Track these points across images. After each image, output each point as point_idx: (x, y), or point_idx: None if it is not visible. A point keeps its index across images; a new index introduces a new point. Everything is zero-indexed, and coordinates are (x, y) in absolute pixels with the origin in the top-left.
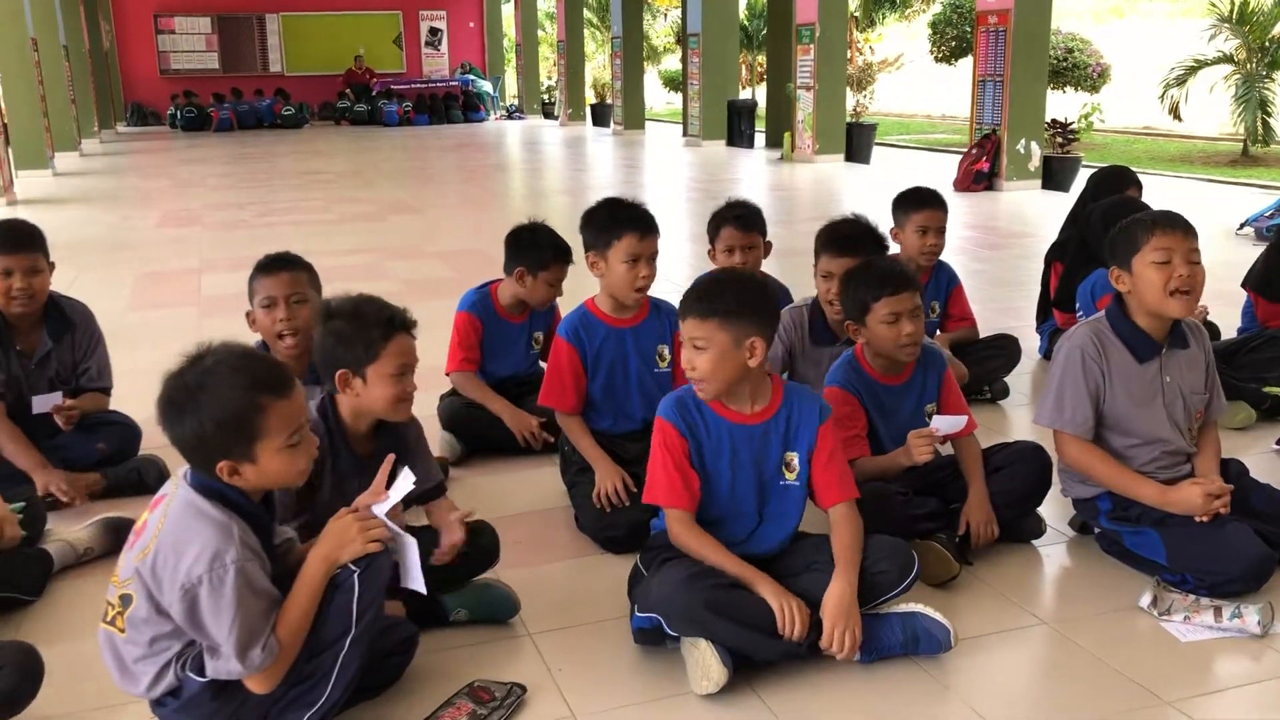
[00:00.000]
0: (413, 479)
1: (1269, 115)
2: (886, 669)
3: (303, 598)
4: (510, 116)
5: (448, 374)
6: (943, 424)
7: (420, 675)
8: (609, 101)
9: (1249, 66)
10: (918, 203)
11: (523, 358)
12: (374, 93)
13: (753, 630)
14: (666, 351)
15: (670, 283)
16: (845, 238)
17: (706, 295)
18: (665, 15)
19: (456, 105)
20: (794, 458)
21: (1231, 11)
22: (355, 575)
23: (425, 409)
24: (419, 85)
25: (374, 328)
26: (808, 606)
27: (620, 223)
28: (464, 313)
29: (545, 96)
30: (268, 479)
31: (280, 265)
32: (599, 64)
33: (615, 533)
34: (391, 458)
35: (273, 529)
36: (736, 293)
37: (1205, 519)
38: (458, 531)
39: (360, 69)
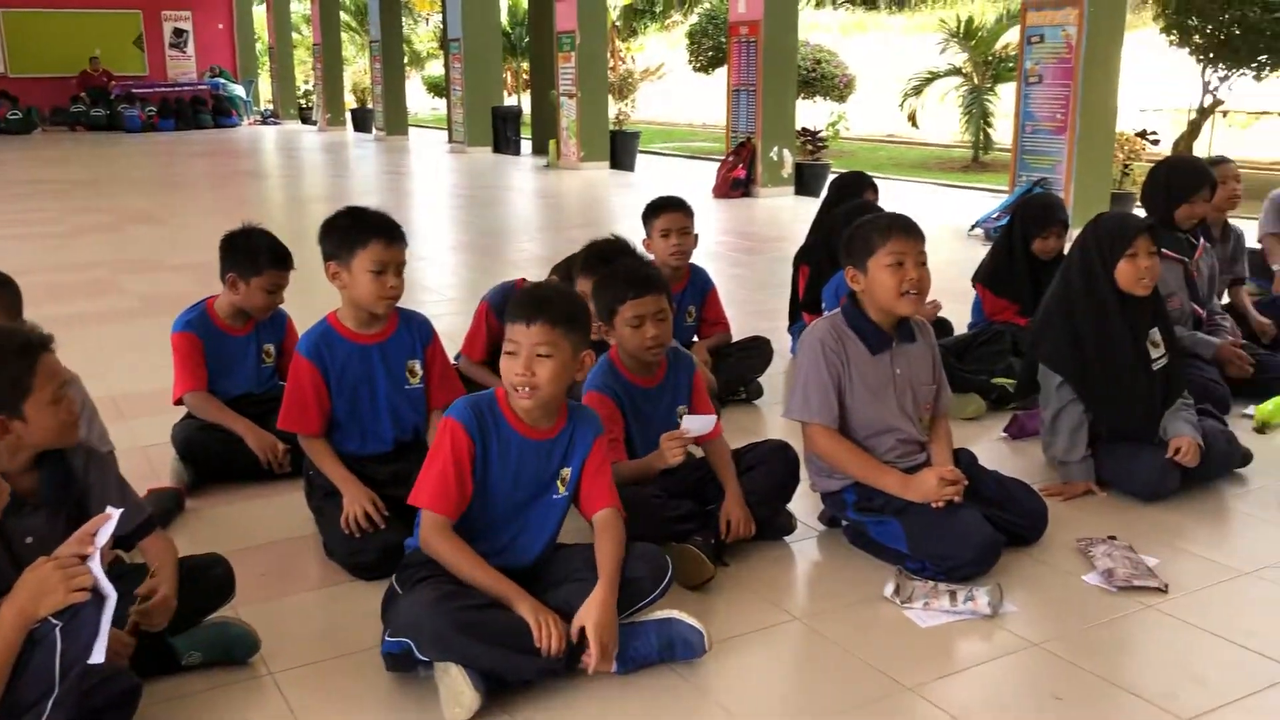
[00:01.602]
0: (116, 518)
1: (990, 126)
2: (643, 678)
3: None
4: (265, 121)
5: (176, 401)
6: (692, 424)
7: None
8: (370, 106)
9: (975, 79)
10: (658, 208)
11: (254, 373)
12: (113, 96)
13: (508, 649)
14: (418, 367)
15: (436, 293)
16: (602, 257)
17: (553, 302)
18: (427, 20)
19: (206, 110)
20: (569, 472)
21: (959, 27)
22: (57, 629)
23: (159, 435)
24: (164, 89)
25: (13, 360)
26: (567, 618)
27: (364, 230)
28: (180, 333)
29: (302, 101)
30: None
31: None
32: (359, 68)
33: (366, 558)
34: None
35: None
36: (573, 303)
37: (940, 505)
38: (162, 587)
39: (96, 71)
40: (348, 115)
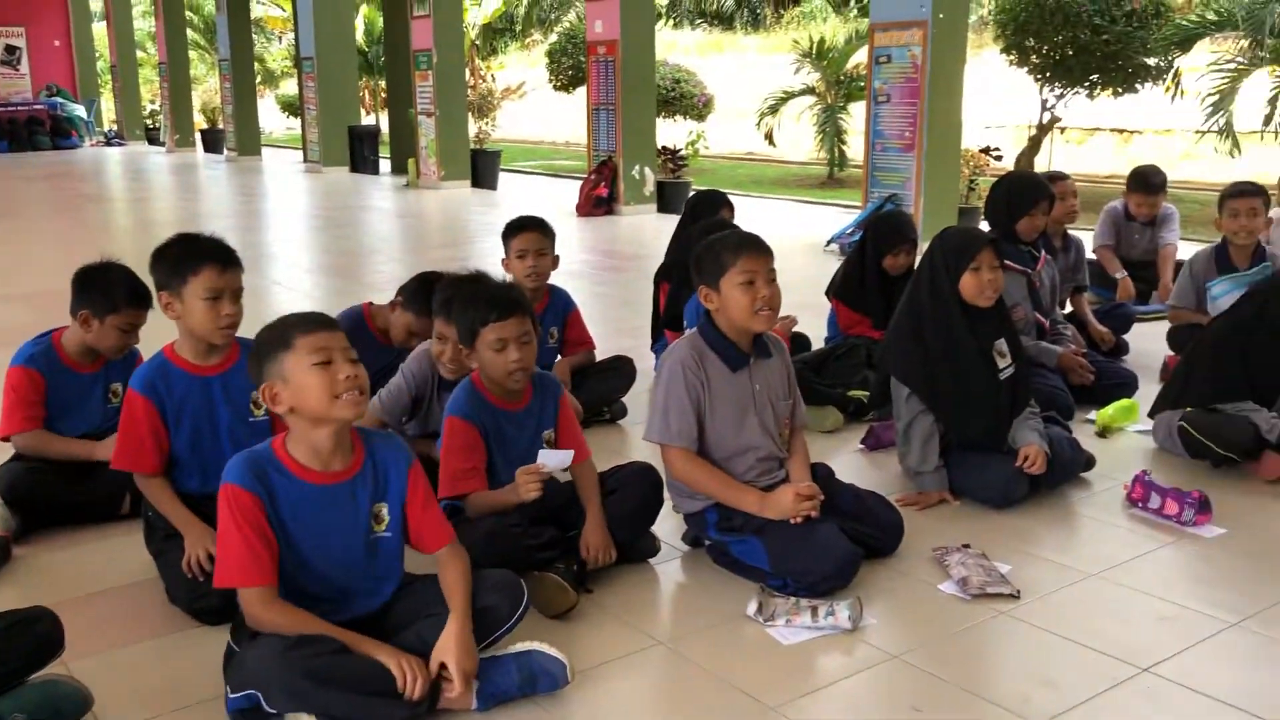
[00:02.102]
0: None
1: (843, 143)
2: (504, 714)
3: None
4: (109, 143)
5: (5, 438)
6: (549, 460)
7: None
8: (221, 126)
9: (828, 98)
10: (513, 229)
11: (99, 413)
12: None
13: (368, 695)
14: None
15: None
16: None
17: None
18: (280, 38)
19: (43, 131)
20: (383, 508)
21: (812, 48)
22: None
23: None
24: None
25: None
26: (424, 655)
27: (195, 256)
28: (19, 368)
29: (149, 121)
30: None
31: None
32: (209, 87)
33: (210, 602)
34: None
35: None
36: None
37: (798, 521)
38: None
39: None
40: (197, 136)
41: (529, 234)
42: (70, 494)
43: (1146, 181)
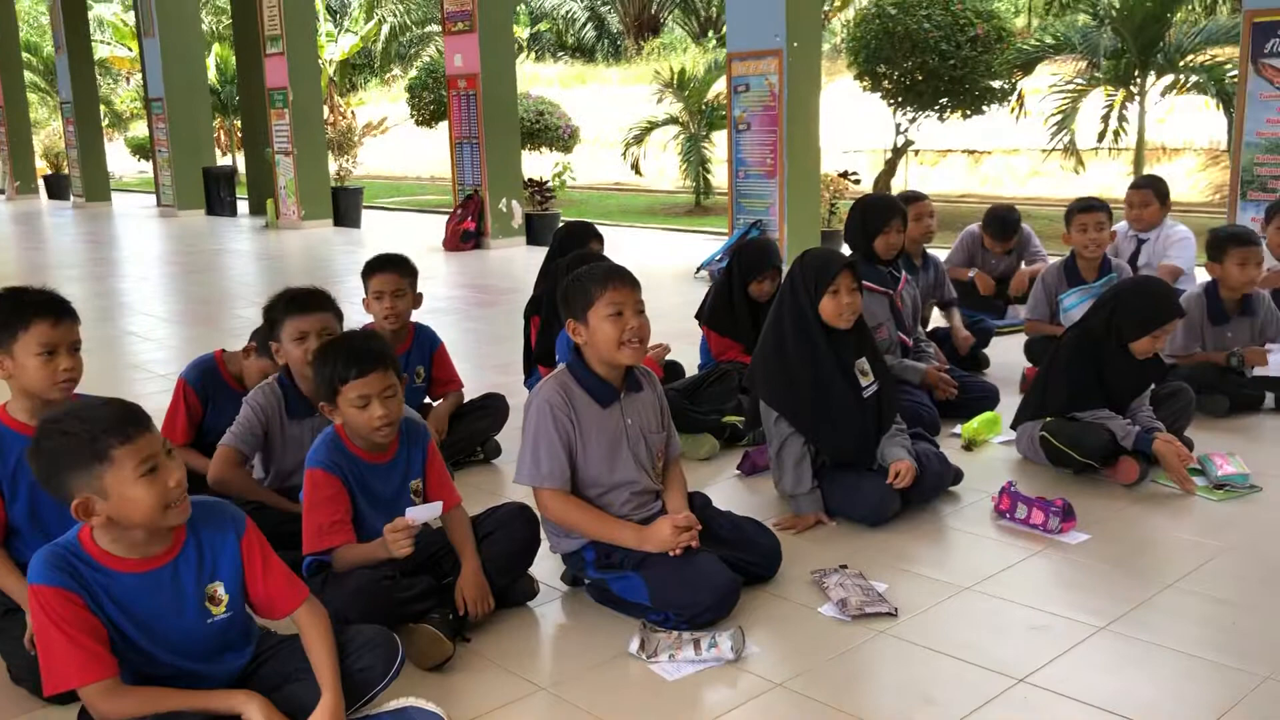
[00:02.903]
0: None
1: (708, 171)
2: None
3: None
4: None
5: None
6: (418, 514)
7: None
8: (66, 172)
9: (691, 128)
10: (371, 269)
11: None
12: None
13: None
14: None
15: (145, 370)
16: (306, 296)
17: (131, 409)
18: (128, 79)
19: None
20: (218, 588)
21: (673, 78)
22: None
23: None
24: None
25: None
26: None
27: (24, 310)
28: None
29: None
30: None
31: None
32: (53, 131)
33: None
34: None
35: None
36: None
37: (677, 553)
38: None
39: None
40: (40, 182)
41: (385, 274)
42: None
43: (1003, 225)
